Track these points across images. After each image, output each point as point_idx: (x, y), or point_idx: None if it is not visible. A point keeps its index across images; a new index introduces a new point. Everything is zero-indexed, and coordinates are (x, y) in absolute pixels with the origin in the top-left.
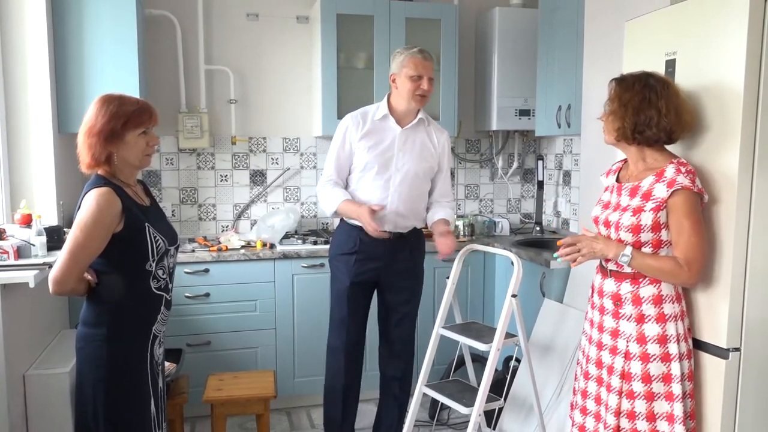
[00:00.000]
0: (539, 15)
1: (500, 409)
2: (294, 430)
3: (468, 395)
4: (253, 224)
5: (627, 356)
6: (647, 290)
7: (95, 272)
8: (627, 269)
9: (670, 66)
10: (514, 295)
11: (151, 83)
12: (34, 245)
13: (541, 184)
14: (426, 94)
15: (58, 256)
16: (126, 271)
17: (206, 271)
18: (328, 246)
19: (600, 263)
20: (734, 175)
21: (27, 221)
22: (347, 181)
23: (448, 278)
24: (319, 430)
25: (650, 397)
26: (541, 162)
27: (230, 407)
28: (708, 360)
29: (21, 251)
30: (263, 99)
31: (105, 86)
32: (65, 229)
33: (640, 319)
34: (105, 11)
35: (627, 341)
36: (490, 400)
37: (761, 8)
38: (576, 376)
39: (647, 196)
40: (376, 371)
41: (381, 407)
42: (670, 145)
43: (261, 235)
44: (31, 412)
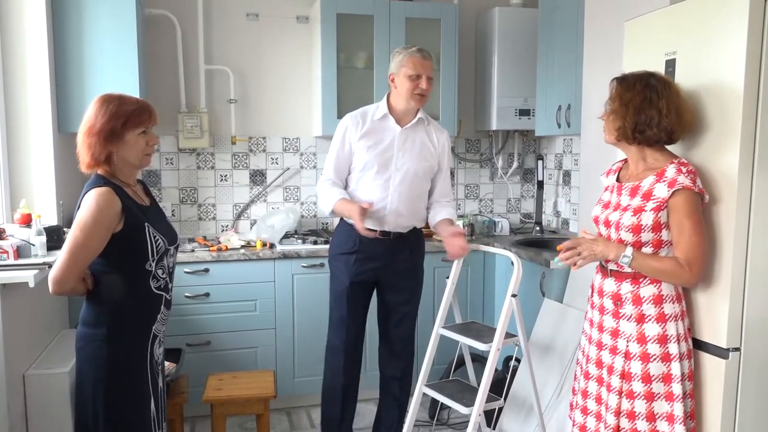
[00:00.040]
0: (539, 15)
1: (500, 409)
2: (294, 429)
3: (468, 395)
4: (253, 224)
5: (627, 356)
6: (647, 290)
7: (95, 272)
8: (627, 269)
9: (670, 66)
10: (514, 295)
11: (150, 83)
12: (33, 245)
13: (541, 184)
14: (425, 93)
15: (57, 255)
16: (126, 271)
17: (206, 270)
18: (328, 246)
19: (600, 263)
20: (734, 175)
21: (27, 221)
22: (347, 181)
23: (448, 278)
24: (318, 430)
25: (650, 397)
26: (540, 162)
27: (230, 407)
28: (708, 360)
29: (21, 251)
30: (263, 99)
31: (105, 86)
32: (65, 228)
33: (641, 318)
34: (105, 11)
35: (627, 341)
36: (490, 400)
37: (761, 8)
38: (576, 376)
39: (648, 196)
40: (376, 371)
41: (381, 407)
42: (670, 145)
43: (261, 235)
44: (30, 412)
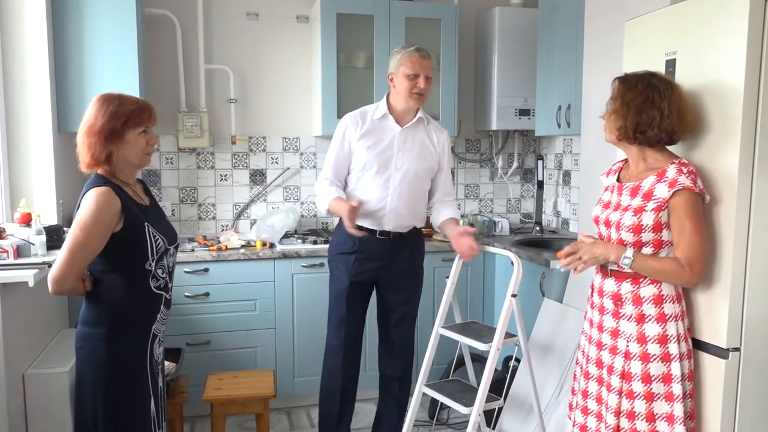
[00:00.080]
0: (539, 15)
1: (500, 409)
2: (293, 429)
3: (468, 395)
4: (253, 224)
5: (627, 356)
6: (648, 290)
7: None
8: (628, 269)
9: (670, 66)
10: (514, 295)
11: (150, 82)
12: (33, 244)
13: (540, 184)
14: (423, 93)
15: (57, 255)
16: (125, 271)
17: (206, 270)
18: (328, 245)
19: None
20: (734, 175)
21: (26, 220)
22: (346, 180)
23: (448, 278)
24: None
25: (650, 397)
26: (540, 162)
27: (230, 407)
28: (708, 360)
29: (20, 250)
30: (263, 98)
31: (105, 85)
32: (65, 228)
33: (641, 318)
34: (105, 10)
35: (627, 341)
36: (489, 400)
37: (761, 8)
38: (575, 376)
39: (648, 196)
40: (376, 371)
41: (381, 407)
42: (670, 146)
43: (261, 235)
44: (30, 412)
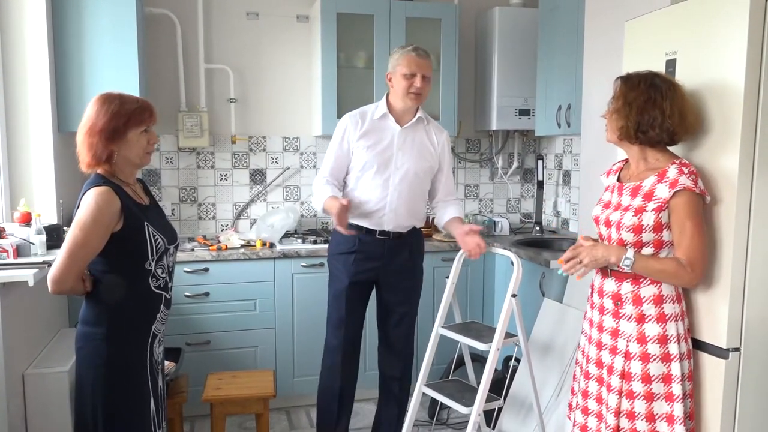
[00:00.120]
0: (539, 15)
1: (500, 409)
2: (293, 429)
3: (467, 395)
4: (253, 223)
5: (627, 356)
6: (648, 290)
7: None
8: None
9: (671, 66)
10: (513, 295)
11: (150, 82)
12: (33, 244)
13: (540, 184)
14: (420, 92)
15: (57, 255)
16: (125, 270)
17: (206, 270)
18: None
19: None
20: (734, 176)
21: (26, 220)
22: (346, 180)
23: (447, 278)
24: None
25: (650, 397)
26: (540, 162)
27: (229, 406)
28: (708, 360)
29: (20, 250)
30: (263, 98)
31: (105, 85)
32: (65, 227)
33: (641, 319)
34: (105, 10)
35: (627, 341)
36: (489, 400)
37: (762, 8)
38: (575, 376)
39: (649, 196)
40: (376, 371)
41: (380, 407)
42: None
43: (261, 235)
44: (30, 412)
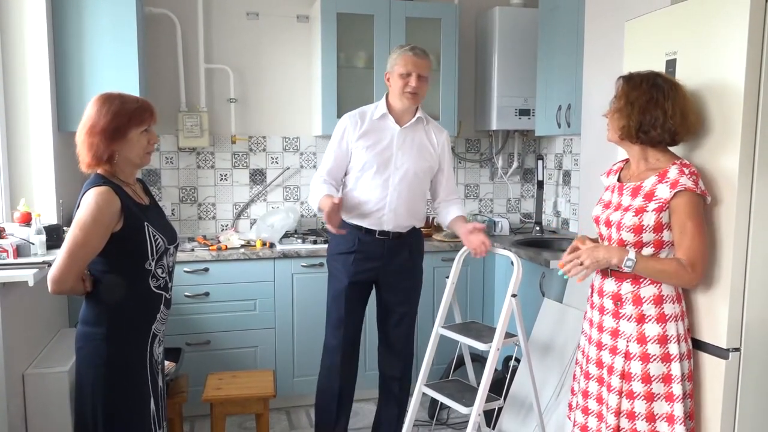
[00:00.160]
0: (539, 15)
1: (500, 409)
2: (293, 429)
3: (467, 395)
4: (253, 223)
5: (627, 356)
6: (648, 290)
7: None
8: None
9: (671, 66)
10: (513, 295)
11: (150, 82)
12: (33, 244)
13: (540, 184)
14: (416, 92)
15: (57, 255)
16: (125, 270)
17: (206, 270)
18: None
19: None
20: (734, 176)
21: (26, 220)
22: (345, 180)
23: (447, 278)
24: None
25: (650, 397)
26: (540, 162)
27: (229, 406)
28: (708, 360)
29: (20, 250)
30: (263, 98)
31: (105, 84)
32: (64, 227)
33: (641, 319)
34: (105, 9)
35: (627, 341)
36: (489, 400)
37: (762, 8)
38: (575, 376)
39: (649, 196)
40: (375, 371)
41: (380, 407)
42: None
43: (261, 235)
44: (30, 411)
